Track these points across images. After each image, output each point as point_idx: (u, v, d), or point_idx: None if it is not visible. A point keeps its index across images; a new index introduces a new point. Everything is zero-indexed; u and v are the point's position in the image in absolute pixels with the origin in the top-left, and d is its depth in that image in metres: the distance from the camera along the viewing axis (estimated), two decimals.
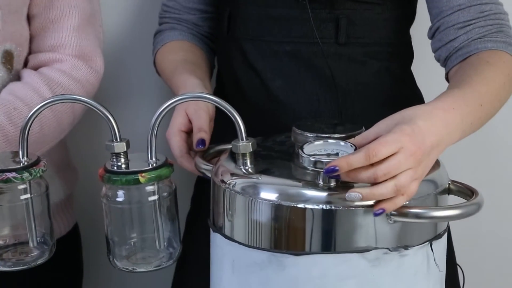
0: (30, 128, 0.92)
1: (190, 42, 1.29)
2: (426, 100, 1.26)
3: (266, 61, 1.19)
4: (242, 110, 0.91)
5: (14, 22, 1.13)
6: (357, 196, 0.82)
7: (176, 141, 1.04)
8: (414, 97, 1.25)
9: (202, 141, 1.02)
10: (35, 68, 1.17)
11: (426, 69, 1.23)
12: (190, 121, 1.05)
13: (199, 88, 1.10)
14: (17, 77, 1.16)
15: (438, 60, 1.14)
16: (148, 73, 1.36)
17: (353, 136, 0.90)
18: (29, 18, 1.17)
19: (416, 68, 1.27)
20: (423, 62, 1.24)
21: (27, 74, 1.14)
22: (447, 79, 1.12)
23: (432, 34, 1.14)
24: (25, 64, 1.19)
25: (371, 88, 1.18)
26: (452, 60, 1.10)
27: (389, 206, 0.83)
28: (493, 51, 1.07)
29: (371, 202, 0.84)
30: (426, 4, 1.16)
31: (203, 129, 1.03)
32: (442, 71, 1.13)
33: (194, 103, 1.05)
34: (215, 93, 1.17)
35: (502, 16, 1.11)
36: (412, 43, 1.26)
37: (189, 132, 1.06)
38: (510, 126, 1.55)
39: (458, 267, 1.25)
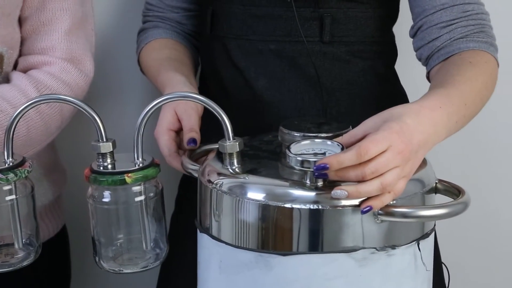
0: (17, 131, 0.92)
1: (174, 40, 1.29)
2: (409, 98, 1.28)
3: (250, 60, 1.20)
4: (227, 109, 0.91)
5: (6, 25, 1.13)
6: (343, 193, 0.83)
7: (165, 140, 1.04)
8: (398, 96, 1.26)
9: (193, 140, 1.02)
10: (25, 71, 1.17)
11: (409, 68, 1.24)
12: (178, 120, 1.05)
13: (184, 85, 1.10)
14: (6, 79, 1.15)
15: (419, 59, 1.15)
16: (134, 72, 1.36)
17: (340, 135, 0.90)
18: (20, 21, 1.17)
19: (400, 67, 1.27)
20: (406, 60, 1.25)
21: (15, 76, 1.14)
22: (428, 78, 1.14)
23: (414, 33, 1.15)
24: (15, 66, 1.18)
25: (355, 86, 1.19)
26: (434, 59, 1.12)
27: (376, 204, 0.84)
28: (475, 51, 1.08)
29: (356, 202, 0.84)
30: (408, 2, 1.17)
31: (194, 129, 1.03)
32: (425, 69, 1.15)
33: (183, 102, 1.05)
34: (199, 92, 1.17)
35: (484, 16, 1.12)
36: (396, 42, 1.27)
37: (177, 131, 1.05)
38: (496, 125, 1.57)
39: (443, 265, 1.26)
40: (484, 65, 1.06)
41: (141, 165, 0.91)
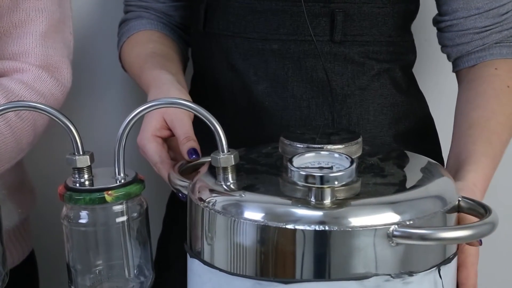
0: None
1: (160, 32, 1.29)
2: (429, 103, 1.26)
3: (249, 62, 1.18)
4: (221, 117, 0.89)
5: None
6: None
7: (153, 147, 1.03)
8: (416, 104, 1.26)
9: (194, 150, 1.00)
10: None
11: (428, 70, 1.23)
12: (167, 128, 1.03)
13: (172, 85, 1.09)
14: None
15: (445, 53, 1.21)
16: (114, 76, 1.36)
17: (350, 146, 0.89)
18: None
19: (417, 69, 1.27)
20: (424, 62, 1.24)
21: None
22: (455, 72, 1.21)
23: (440, 28, 1.19)
24: None
25: (369, 92, 1.18)
26: (463, 62, 1.17)
27: None
28: (507, 60, 1.15)
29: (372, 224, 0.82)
30: None
31: (191, 137, 1.01)
32: (445, 72, 1.15)
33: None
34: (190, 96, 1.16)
35: None
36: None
37: (164, 139, 1.04)
38: None
39: None
40: None
41: (123, 181, 0.90)
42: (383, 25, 1.17)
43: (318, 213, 0.82)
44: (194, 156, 1.00)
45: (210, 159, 0.90)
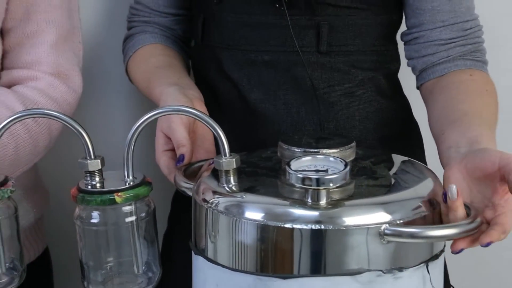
0: (5, 150, 0.92)
1: (163, 44, 1.28)
2: (415, 108, 1.26)
3: (243, 72, 1.18)
4: (220, 123, 0.90)
5: None
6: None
7: (163, 161, 1.04)
8: (400, 109, 1.25)
9: (181, 158, 1.01)
10: (8, 86, 1.15)
11: (413, 76, 1.22)
12: (170, 139, 1.04)
13: (174, 98, 1.09)
14: None
15: (410, 67, 1.19)
16: (123, 84, 1.35)
17: (344, 151, 0.90)
18: (2, 33, 1.15)
19: (402, 75, 1.27)
20: (408, 68, 1.23)
21: (0, 92, 1.12)
22: (420, 87, 1.18)
23: (407, 40, 1.18)
24: None
25: (355, 99, 1.17)
26: (428, 73, 1.16)
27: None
28: (472, 69, 1.14)
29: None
30: (404, 8, 1.17)
31: (181, 144, 1.02)
32: None
33: (166, 119, 1.04)
34: None
35: (480, 33, 1.17)
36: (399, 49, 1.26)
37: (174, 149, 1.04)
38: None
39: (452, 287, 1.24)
40: (491, 88, 1.12)
41: (131, 183, 0.90)
42: (367, 35, 1.17)
43: (314, 213, 0.83)
44: (180, 162, 1.02)
45: (203, 163, 0.92)
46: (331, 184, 0.83)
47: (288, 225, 0.83)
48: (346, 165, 0.85)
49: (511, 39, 1.54)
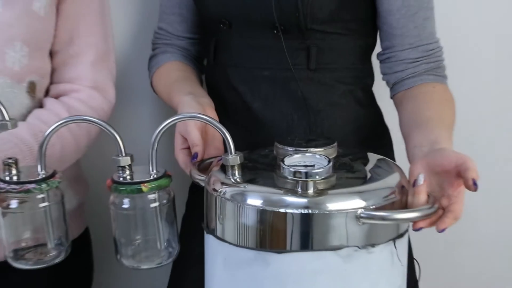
0: (53, 149, 0.92)
1: (180, 62, 1.29)
2: (386, 115, 1.27)
3: (247, 85, 1.20)
4: (227, 126, 0.91)
5: (39, 58, 1.14)
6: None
7: (181, 158, 1.06)
8: (374, 117, 1.26)
9: (195, 155, 1.03)
10: (56, 97, 1.17)
11: (385, 88, 1.23)
12: (186, 140, 1.05)
13: (189, 106, 1.09)
14: (39, 104, 1.16)
15: (385, 81, 1.19)
16: (149, 96, 1.35)
17: (328, 150, 0.91)
18: (51, 53, 1.18)
19: (376, 87, 1.27)
20: (382, 82, 1.24)
21: (49, 102, 1.15)
22: (393, 97, 1.18)
23: (382, 60, 1.19)
24: (46, 93, 1.18)
25: (337, 108, 1.18)
26: (399, 86, 1.16)
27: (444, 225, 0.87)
28: (435, 83, 1.14)
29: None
30: (379, 32, 1.18)
31: (195, 144, 1.04)
32: None
33: (183, 123, 1.05)
34: None
35: (440, 53, 1.17)
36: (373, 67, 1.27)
37: (189, 147, 1.06)
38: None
39: (415, 261, 1.25)
40: (450, 96, 1.12)
41: (155, 176, 0.91)
42: (348, 56, 1.19)
43: (303, 200, 0.84)
44: (194, 159, 1.03)
45: (213, 160, 0.94)
46: (317, 177, 0.84)
47: (282, 210, 0.84)
48: (329, 161, 0.86)
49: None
